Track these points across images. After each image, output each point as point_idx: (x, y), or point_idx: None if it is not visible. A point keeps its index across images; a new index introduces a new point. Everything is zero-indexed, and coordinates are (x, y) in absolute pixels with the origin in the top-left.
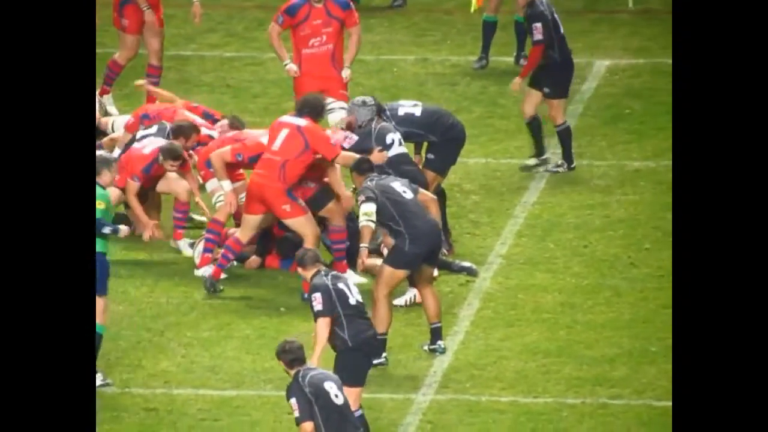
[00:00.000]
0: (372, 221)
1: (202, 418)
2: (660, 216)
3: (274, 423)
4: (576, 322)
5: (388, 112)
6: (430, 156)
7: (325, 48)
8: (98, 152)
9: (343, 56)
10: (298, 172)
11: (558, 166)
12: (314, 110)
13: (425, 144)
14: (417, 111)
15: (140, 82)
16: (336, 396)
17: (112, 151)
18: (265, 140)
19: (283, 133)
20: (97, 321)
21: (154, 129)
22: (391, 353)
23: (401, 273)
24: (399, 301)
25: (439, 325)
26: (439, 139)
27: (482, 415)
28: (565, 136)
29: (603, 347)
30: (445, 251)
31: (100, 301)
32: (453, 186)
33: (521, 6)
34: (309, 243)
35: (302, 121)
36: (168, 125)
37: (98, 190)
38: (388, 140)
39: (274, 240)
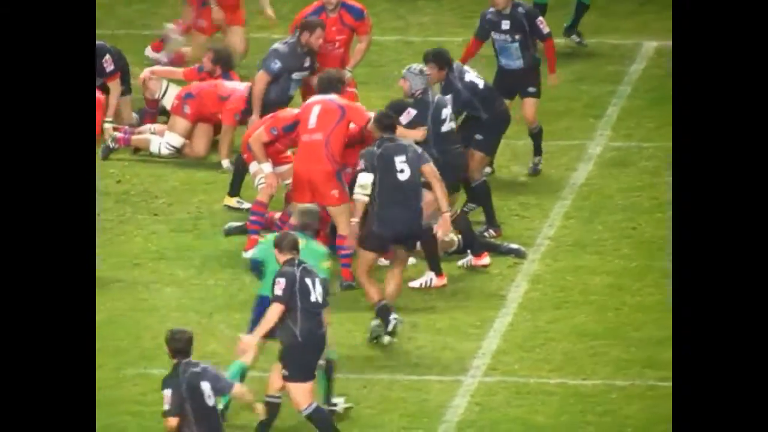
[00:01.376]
0: (366, 195)
1: None
2: None
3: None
4: (624, 304)
5: (455, 72)
6: (479, 137)
7: (337, 52)
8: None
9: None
10: (340, 145)
11: (535, 164)
12: (334, 83)
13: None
14: (480, 83)
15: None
16: (209, 397)
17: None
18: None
19: (316, 109)
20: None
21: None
22: (440, 335)
23: (370, 255)
24: (414, 284)
25: (388, 305)
26: (489, 117)
27: (530, 397)
28: (536, 137)
29: (651, 329)
30: (493, 233)
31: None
32: (501, 167)
33: (502, 6)
34: (343, 230)
35: (331, 95)
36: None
37: (319, 247)
38: (443, 115)
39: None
